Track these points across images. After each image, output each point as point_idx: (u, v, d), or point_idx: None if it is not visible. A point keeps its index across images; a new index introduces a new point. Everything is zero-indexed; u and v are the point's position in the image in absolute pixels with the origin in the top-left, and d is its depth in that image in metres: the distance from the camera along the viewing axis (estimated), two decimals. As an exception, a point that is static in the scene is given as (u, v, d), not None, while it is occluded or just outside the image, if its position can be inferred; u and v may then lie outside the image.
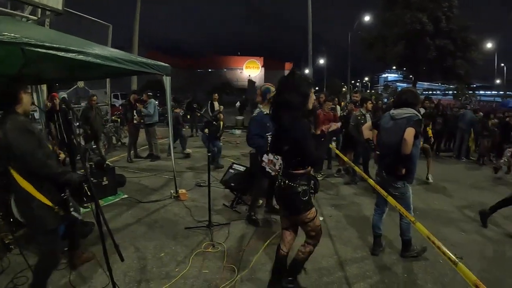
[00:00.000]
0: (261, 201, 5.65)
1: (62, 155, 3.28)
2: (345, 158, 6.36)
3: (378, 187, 4.19)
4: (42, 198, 2.86)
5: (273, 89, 4.99)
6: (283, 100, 2.90)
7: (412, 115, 3.81)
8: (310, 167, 3.07)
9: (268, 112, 4.89)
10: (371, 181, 4.49)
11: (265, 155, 4.74)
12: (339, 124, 3.70)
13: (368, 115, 7.48)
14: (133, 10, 17.85)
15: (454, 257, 2.38)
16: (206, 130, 8.58)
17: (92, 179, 2.90)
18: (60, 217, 3.00)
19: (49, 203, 2.89)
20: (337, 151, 6.70)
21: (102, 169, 6.27)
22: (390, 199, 3.84)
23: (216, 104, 12.35)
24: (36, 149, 2.79)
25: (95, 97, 8.85)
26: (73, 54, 3.85)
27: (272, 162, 4.77)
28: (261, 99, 5.06)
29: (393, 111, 4.02)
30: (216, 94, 12.91)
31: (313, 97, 3.03)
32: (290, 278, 3.33)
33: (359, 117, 7.39)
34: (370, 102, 7.77)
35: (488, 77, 61.00)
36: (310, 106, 2.99)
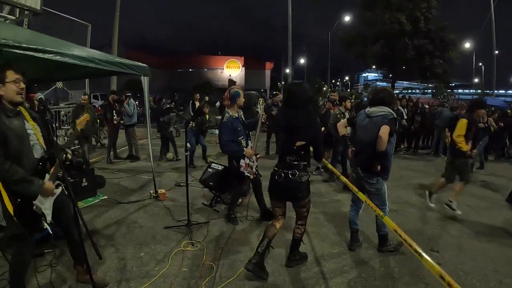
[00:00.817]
0: (240, 200, 5.69)
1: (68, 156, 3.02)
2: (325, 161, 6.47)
3: (350, 184, 4.29)
4: (7, 201, 2.61)
5: (242, 92, 5.03)
6: (297, 103, 3.46)
7: (387, 114, 3.92)
8: None
9: (237, 115, 4.89)
10: (343, 178, 4.59)
11: (242, 160, 4.80)
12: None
13: (347, 114, 7.59)
14: (113, 9, 17.66)
15: (419, 250, 2.47)
16: (192, 124, 8.54)
17: (70, 179, 2.77)
18: (18, 227, 2.68)
19: (11, 210, 2.60)
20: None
21: (81, 170, 6.22)
22: (360, 195, 3.93)
23: (197, 104, 12.34)
24: None
25: (86, 96, 8.69)
26: (50, 55, 3.86)
27: (249, 165, 4.84)
28: (229, 102, 4.96)
29: (369, 109, 4.12)
30: (198, 94, 12.88)
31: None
32: (295, 252, 3.90)
33: (338, 116, 7.49)
34: (349, 100, 7.89)
35: (466, 75, 62.32)
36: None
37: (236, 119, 4.90)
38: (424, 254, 2.41)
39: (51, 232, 2.85)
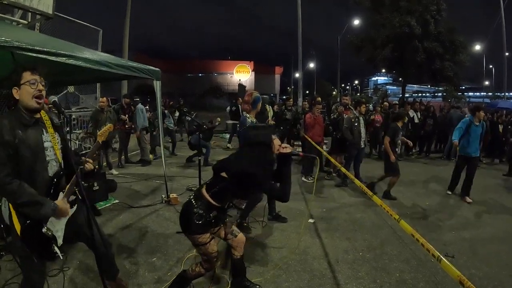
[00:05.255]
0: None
1: (90, 165, 2.69)
2: (333, 161, 6.40)
3: (365, 188, 4.24)
4: (15, 219, 2.37)
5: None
6: None
7: None
8: None
9: (255, 121, 4.68)
10: (357, 182, 4.53)
11: None
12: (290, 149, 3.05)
13: (361, 118, 7.53)
14: (123, 14, 17.77)
15: (438, 253, 2.40)
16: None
17: (83, 183, 2.62)
18: (25, 251, 2.41)
19: (18, 230, 2.35)
20: (327, 154, 6.73)
21: (92, 174, 6.21)
22: (375, 198, 3.87)
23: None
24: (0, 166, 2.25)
25: (104, 99, 8.57)
26: (64, 58, 3.84)
27: None
28: (250, 107, 4.72)
29: None
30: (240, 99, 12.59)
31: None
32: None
33: (353, 120, 7.44)
34: (364, 105, 7.82)
35: (477, 78, 61.69)
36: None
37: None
38: (443, 258, 2.34)
39: (61, 257, 2.54)
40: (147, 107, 10.66)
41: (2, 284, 3.47)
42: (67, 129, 8.47)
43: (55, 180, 2.53)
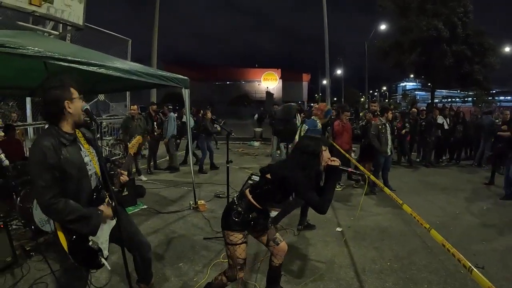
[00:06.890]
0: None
1: (125, 177, 2.79)
2: (362, 168, 6.33)
3: (394, 196, 4.16)
4: (61, 235, 2.36)
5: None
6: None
7: None
8: None
9: (320, 127, 5.89)
10: (387, 190, 4.44)
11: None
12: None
13: (388, 125, 7.44)
14: (151, 24, 18.11)
15: (469, 264, 2.34)
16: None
17: (113, 188, 2.64)
18: (73, 264, 2.41)
19: (65, 246, 2.35)
20: (355, 162, 6.66)
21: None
22: (405, 207, 3.80)
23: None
24: (45, 189, 2.21)
25: (135, 106, 8.73)
26: (95, 68, 3.97)
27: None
28: (322, 115, 5.98)
29: None
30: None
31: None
32: None
33: (380, 127, 7.36)
34: (390, 111, 7.73)
35: (508, 81, 59.69)
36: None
37: (320, 130, 5.88)
38: (474, 269, 2.29)
39: (109, 268, 2.64)
40: (176, 114, 10.82)
41: (30, 283, 3.60)
42: (98, 135, 8.66)
43: (95, 193, 2.54)
